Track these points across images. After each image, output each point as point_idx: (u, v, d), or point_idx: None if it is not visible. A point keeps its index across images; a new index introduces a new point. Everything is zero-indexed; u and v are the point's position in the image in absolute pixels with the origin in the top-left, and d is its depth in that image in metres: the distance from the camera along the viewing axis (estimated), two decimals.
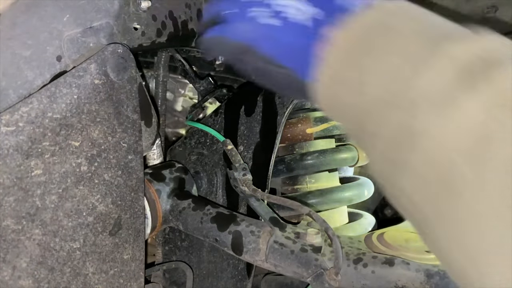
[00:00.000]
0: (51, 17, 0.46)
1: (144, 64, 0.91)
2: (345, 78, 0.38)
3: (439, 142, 0.31)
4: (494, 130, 0.29)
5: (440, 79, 0.31)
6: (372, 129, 0.36)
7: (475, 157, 0.29)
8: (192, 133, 0.80)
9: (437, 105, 0.31)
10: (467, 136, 0.30)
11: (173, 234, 0.81)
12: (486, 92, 0.29)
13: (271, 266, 0.58)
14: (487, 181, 0.28)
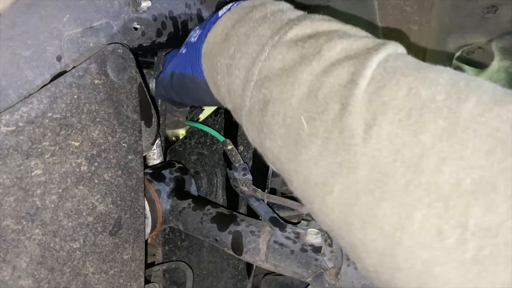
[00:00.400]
0: (51, 17, 0.46)
1: (144, 64, 0.91)
2: (215, 63, 0.47)
3: (284, 105, 0.39)
4: (321, 90, 0.36)
5: (281, 58, 0.40)
6: (238, 102, 0.45)
7: (308, 112, 0.37)
8: (192, 133, 0.80)
9: (282, 77, 0.39)
10: (301, 98, 0.37)
11: (173, 234, 0.81)
12: (314, 64, 0.37)
13: (271, 266, 0.58)
14: (318, 131, 0.36)
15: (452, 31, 0.75)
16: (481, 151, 0.28)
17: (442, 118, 0.30)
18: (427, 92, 0.32)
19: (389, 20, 0.75)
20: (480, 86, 0.32)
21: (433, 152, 0.29)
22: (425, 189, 0.29)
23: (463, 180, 0.28)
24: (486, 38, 0.75)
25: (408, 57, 0.38)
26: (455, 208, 0.28)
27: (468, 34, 0.75)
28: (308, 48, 0.39)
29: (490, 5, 0.69)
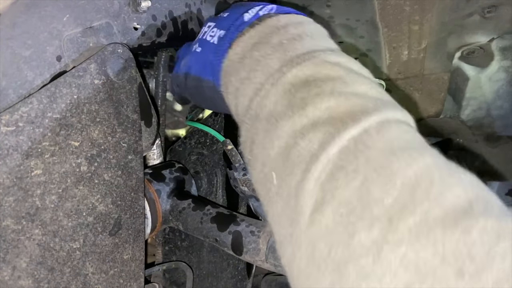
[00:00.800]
0: (51, 17, 0.46)
1: (144, 64, 0.91)
2: (228, 82, 0.47)
3: (265, 153, 0.38)
4: (293, 151, 0.35)
5: (274, 101, 0.39)
6: (240, 130, 0.44)
7: (279, 170, 0.36)
8: (192, 133, 0.80)
9: (268, 123, 0.39)
10: (277, 152, 0.37)
11: (173, 234, 0.81)
12: (296, 119, 0.36)
13: (271, 266, 0.58)
14: (282, 193, 0.36)
15: (452, 31, 0.75)
16: (401, 281, 0.26)
17: (378, 229, 0.28)
18: (377, 192, 0.30)
19: (389, 20, 0.75)
20: (443, 191, 0.29)
21: (358, 263, 0.28)
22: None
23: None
24: (486, 38, 0.75)
25: (396, 131, 0.34)
26: None
27: (468, 34, 0.75)
28: (297, 99, 0.38)
29: (490, 5, 0.69)
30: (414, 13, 0.72)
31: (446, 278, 0.25)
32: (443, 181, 0.29)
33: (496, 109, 0.84)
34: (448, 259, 0.25)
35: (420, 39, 0.76)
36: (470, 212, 0.27)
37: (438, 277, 0.25)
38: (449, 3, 0.71)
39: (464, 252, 0.25)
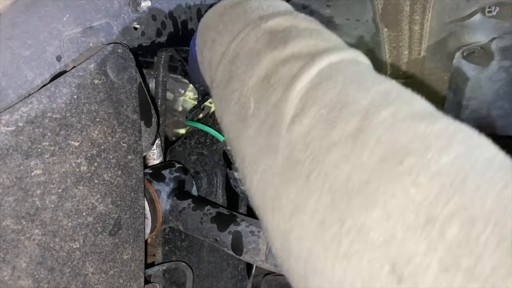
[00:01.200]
0: (51, 17, 0.46)
1: (144, 64, 0.91)
2: (205, 36, 0.50)
3: (243, 84, 0.41)
4: (274, 76, 0.39)
5: (255, 40, 0.43)
6: (212, 76, 0.48)
7: (258, 94, 0.39)
8: (192, 133, 0.80)
9: (248, 58, 0.42)
10: (257, 80, 0.40)
11: (173, 234, 0.81)
12: (277, 52, 0.40)
13: (271, 267, 0.58)
14: (260, 113, 0.38)
15: (452, 31, 0.75)
16: (376, 156, 0.29)
17: (356, 120, 0.32)
18: (355, 95, 0.33)
19: (389, 20, 0.75)
20: (409, 101, 0.33)
21: (337, 149, 0.31)
22: (321, 180, 0.31)
23: (353, 179, 0.29)
24: (486, 38, 0.75)
25: (364, 66, 0.40)
26: (339, 203, 0.29)
27: (469, 34, 0.75)
28: (278, 38, 0.42)
29: (490, 4, 0.69)
30: (415, 13, 0.72)
31: (415, 152, 0.28)
32: (410, 94, 0.34)
33: (496, 109, 0.84)
34: (418, 140, 0.29)
35: (421, 39, 0.76)
36: (434, 115, 0.31)
37: (411, 151, 0.28)
38: (449, 3, 0.71)
39: (431, 135, 0.29)
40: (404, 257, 0.25)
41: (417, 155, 0.28)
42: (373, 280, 0.26)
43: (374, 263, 0.26)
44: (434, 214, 0.25)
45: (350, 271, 0.28)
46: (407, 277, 0.25)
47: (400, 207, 0.26)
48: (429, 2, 0.70)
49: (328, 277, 0.29)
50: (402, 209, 0.26)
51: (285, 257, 0.34)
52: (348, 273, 0.28)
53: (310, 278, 0.31)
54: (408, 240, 0.25)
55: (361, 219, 0.28)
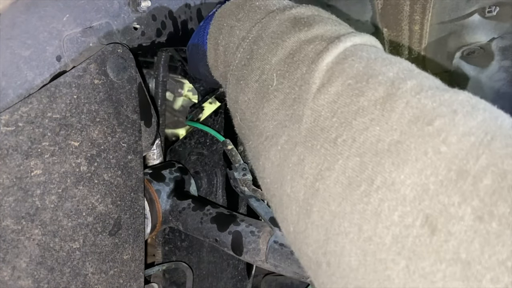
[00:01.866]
0: (51, 17, 0.46)
1: (144, 64, 0.91)
2: (222, 24, 0.51)
3: (265, 62, 0.43)
4: (298, 53, 0.40)
5: (278, 24, 0.44)
6: (229, 59, 0.49)
7: (281, 70, 0.40)
8: (192, 133, 0.80)
9: (272, 38, 0.43)
10: (281, 58, 0.41)
11: (173, 234, 0.81)
12: (302, 33, 0.41)
13: (271, 267, 0.58)
14: (283, 87, 0.39)
15: (452, 31, 0.75)
16: (405, 118, 0.30)
17: (384, 88, 0.33)
18: (381, 68, 0.35)
19: (389, 20, 0.75)
20: (429, 77, 0.35)
21: (365, 113, 0.32)
22: (349, 144, 0.32)
23: (383, 140, 0.30)
24: (486, 38, 0.75)
25: (381, 49, 0.42)
26: (368, 164, 0.30)
27: (469, 34, 0.75)
28: (302, 22, 0.43)
29: (490, 4, 0.69)
30: (415, 13, 0.72)
31: (443, 115, 0.29)
32: (430, 75, 0.35)
33: None
34: (444, 105, 0.30)
35: (420, 39, 0.76)
36: (455, 89, 0.33)
37: (439, 114, 0.29)
38: (449, 3, 0.71)
39: (456, 102, 0.30)
40: (437, 209, 0.26)
41: (445, 118, 0.29)
42: (405, 234, 0.27)
43: (405, 217, 0.27)
44: (465, 169, 0.26)
45: (380, 227, 0.28)
46: (440, 228, 0.26)
47: (432, 163, 0.27)
48: (429, 2, 0.70)
49: (354, 237, 0.29)
50: (433, 165, 0.27)
51: (302, 228, 0.34)
52: (377, 229, 0.28)
53: (331, 243, 0.31)
54: (441, 193, 0.26)
55: (392, 176, 0.28)
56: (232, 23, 0.50)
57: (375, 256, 0.28)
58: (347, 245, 0.30)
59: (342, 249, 0.30)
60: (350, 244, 0.30)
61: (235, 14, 0.50)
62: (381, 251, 0.28)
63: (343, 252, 0.30)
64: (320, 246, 0.32)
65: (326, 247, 0.32)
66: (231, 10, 0.52)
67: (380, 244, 0.28)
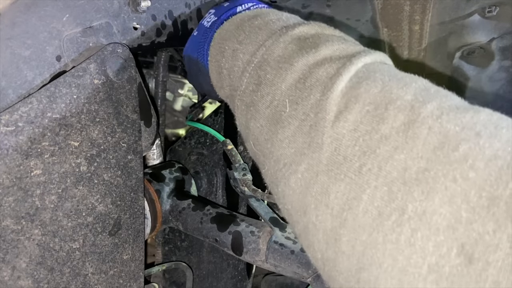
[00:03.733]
0: (51, 17, 0.46)
1: (144, 64, 0.91)
2: (223, 47, 0.51)
3: (275, 88, 0.42)
4: (309, 78, 0.39)
5: (283, 46, 0.44)
6: (235, 84, 0.48)
7: (293, 96, 0.40)
8: (192, 133, 0.80)
9: (279, 63, 0.43)
10: (291, 83, 0.41)
11: (173, 235, 0.81)
12: (310, 56, 0.41)
13: (271, 267, 0.58)
14: (297, 114, 0.39)
15: (452, 31, 0.75)
16: (430, 144, 0.30)
17: (404, 114, 0.32)
18: (397, 92, 0.34)
19: (389, 20, 0.75)
20: (447, 95, 0.34)
21: (388, 141, 0.32)
22: (375, 173, 0.31)
23: (410, 168, 0.30)
24: (486, 37, 0.75)
25: (392, 66, 0.41)
26: (397, 193, 0.30)
27: (469, 34, 0.75)
28: (307, 43, 0.43)
29: (490, 4, 0.69)
30: (415, 13, 0.72)
31: (467, 139, 0.29)
32: (445, 90, 0.35)
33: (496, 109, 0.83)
34: (467, 128, 0.30)
35: (421, 39, 0.76)
36: (475, 107, 0.33)
37: (463, 138, 0.29)
38: (450, 3, 0.71)
39: (478, 123, 0.30)
40: (472, 238, 0.26)
41: (470, 142, 0.29)
42: (441, 264, 0.27)
43: (440, 247, 0.27)
44: (496, 194, 0.26)
45: (414, 257, 0.28)
46: (477, 257, 0.25)
47: (462, 190, 0.27)
48: (429, 2, 0.70)
49: (388, 267, 0.29)
50: (464, 192, 0.27)
51: (331, 256, 0.34)
52: (412, 259, 0.28)
53: (365, 273, 0.31)
54: (474, 221, 0.26)
55: (423, 205, 0.28)
56: (234, 46, 0.49)
57: (411, 286, 0.28)
58: (382, 275, 0.30)
59: (376, 278, 0.30)
60: (385, 274, 0.29)
61: (235, 36, 0.50)
62: (417, 281, 0.28)
63: (378, 282, 0.30)
64: (353, 275, 0.32)
65: (359, 276, 0.32)
66: (231, 32, 0.51)
67: (416, 274, 0.28)
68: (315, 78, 0.39)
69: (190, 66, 0.60)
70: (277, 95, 0.41)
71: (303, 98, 0.39)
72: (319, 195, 0.35)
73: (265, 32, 0.47)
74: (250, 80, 0.45)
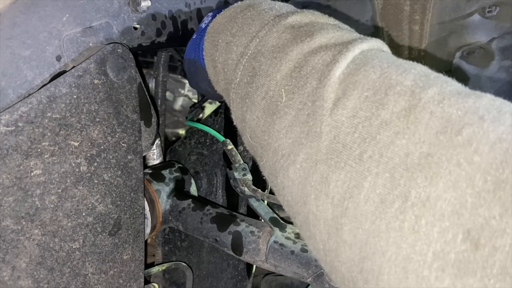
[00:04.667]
0: (51, 17, 0.46)
1: (144, 64, 0.91)
2: (216, 40, 0.51)
3: (270, 78, 0.41)
4: (305, 67, 0.39)
5: (277, 36, 0.43)
6: (230, 77, 0.48)
7: (289, 85, 0.39)
8: (192, 133, 0.80)
9: (273, 53, 0.42)
10: (286, 73, 0.40)
11: (173, 235, 0.81)
12: (305, 44, 0.40)
13: (271, 267, 0.58)
14: (294, 103, 0.38)
15: (452, 31, 0.75)
16: (433, 129, 0.29)
17: (404, 99, 0.32)
18: (397, 77, 0.34)
19: (389, 20, 0.75)
20: (447, 81, 0.34)
21: (389, 126, 0.31)
22: (376, 159, 0.31)
23: (412, 153, 0.29)
24: (486, 37, 0.75)
25: (389, 53, 0.40)
26: (400, 179, 0.29)
27: (469, 34, 0.75)
28: (302, 32, 0.42)
29: (490, 4, 0.69)
30: (415, 12, 0.72)
31: (471, 123, 0.28)
32: (444, 76, 0.35)
33: None
34: (470, 112, 0.29)
35: (421, 39, 0.76)
36: (476, 92, 0.32)
37: (467, 123, 0.29)
38: (450, 3, 0.71)
39: (481, 108, 0.29)
40: (477, 223, 0.25)
41: (473, 126, 0.28)
42: (447, 250, 0.26)
43: (445, 233, 0.26)
44: (502, 178, 0.26)
45: (419, 244, 0.27)
46: (484, 243, 0.25)
47: (467, 175, 0.27)
48: (429, 2, 0.70)
49: (392, 255, 0.29)
50: (468, 177, 0.27)
51: (333, 246, 0.34)
52: (417, 247, 0.28)
53: (368, 262, 0.31)
54: (479, 205, 0.26)
55: (426, 191, 0.28)
56: (228, 38, 0.49)
57: (417, 274, 0.27)
58: (385, 264, 0.29)
59: (380, 267, 0.30)
60: (389, 263, 0.29)
61: (228, 29, 0.49)
62: (423, 268, 0.27)
63: (382, 271, 0.30)
64: (356, 264, 0.32)
65: (362, 265, 0.31)
66: (223, 25, 0.51)
67: (421, 261, 0.27)
68: (311, 66, 0.38)
69: (189, 68, 0.60)
70: (272, 86, 0.41)
71: (299, 87, 0.38)
72: (319, 185, 0.34)
73: (258, 22, 0.46)
74: (244, 72, 0.45)
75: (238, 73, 0.46)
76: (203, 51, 0.54)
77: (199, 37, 0.56)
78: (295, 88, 0.39)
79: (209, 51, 0.52)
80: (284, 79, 0.40)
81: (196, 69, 0.57)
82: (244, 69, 0.45)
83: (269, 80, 0.42)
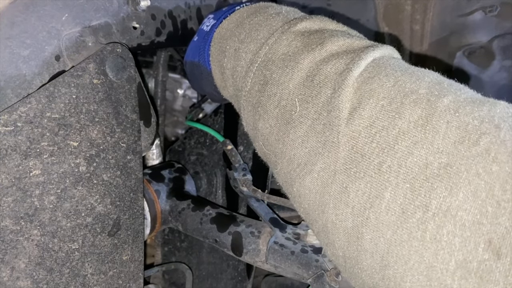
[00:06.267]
0: (50, 16, 0.46)
1: (144, 64, 0.91)
2: (224, 46, 0.50)
3: (282, 87, 0.41)
4: (318, 76, 0.39)
5: (287, 44, 0.43)
6: (239, 84, 0.47)
7: (303, 95, 0.39)
8: (192, 133, 0.79)
9: (284, 61, 0.42)
10: (299, 82, 0.40)
11: (173, 235, 0.81)
12: (316, 53, 0.40)
13: (271, 267, 0.57)
14: (308, 113, 0.38)
15: (453, 31, 0.75)
16: (450, 139, 0.30)
17: (420, 108, 0.32)
18: (411, 86, 0.34)
19: (390, 19, 0.74)
20: (461, 88, 0.34)
21: (407, 136, 0.31)
22: (395, 170, 0.31)
23: (431, 164, 0.30)
24: (487, 37, 0.75)
25: (401, 60, 0.40)
26: (420, 189, 0.29)
27: (470, 34, 0.75)
28: (312, 39, 0.42)
29: (491, 4, 0.69)
30: (416, 12, 0.72)
31: (488, 133, 0.29)
32: (457, 83, 0.35)
33: None
34: (486, 121, 0.29)
35: (422, 38, 0.76)
36: (489, 100, 0.32)
37: (484, 132, 0.29)
38: (450, 3, 0.70)
39: (496, 116, 0.30)
40: (499, 233, 0.26)
41: (490, 135, 0.29)
42: (469, 259, 0.27)
43: (467, 243, 0.27)
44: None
45: (441, 253, 0.28)
46: (505, 252, 0.25)
47: (486, 185, 0.27)
48: (430, 2, 0.70)
49: (414, 264, 0.29)
50: (488, 186, 0.27)
51: (353, 254, 0.34)
52: (439, 256, 0.28)
53: (390, 270, 0.31)
54: (500, 215, 0.26)
55: (447, 201, 0.28)
56: (236, 45, 0.48)
57: (439, 282, 0.28)
58: (408, 272, 0.30)
59: (402, 275, 0.30)
60: (411, 271, 0.29)
61: (236, 35, 0.49)
62: (445, 276, 0.28)
63: (404, 279, 0.30)
64: (377, 271, 0.32)
65: (384, 273, 0.32)
66: (231, 31, 0.50)
67: (444, 270, 0.28)
68: (324, 75, 0.38)
69: (192, 70, 0.59)
70: (285, 95, 0.41)
71: (313, 97, 0.38)
72: (338, 194, 0.34)
73: (266, 29, 0.46)
74: (255, 80, 0.45)
75: (249, 80, 0.46)
76: (210, 56, 0.53)
77: (203, 41, 0.56)
78: (308, 97, 0.39)
79: (217, 57, 0.52)
80: (296, 88, 0.40)
81: (201, 73, 0.57)
82: (254, 77, 0.45)
83: (281, 89, 0.42)
